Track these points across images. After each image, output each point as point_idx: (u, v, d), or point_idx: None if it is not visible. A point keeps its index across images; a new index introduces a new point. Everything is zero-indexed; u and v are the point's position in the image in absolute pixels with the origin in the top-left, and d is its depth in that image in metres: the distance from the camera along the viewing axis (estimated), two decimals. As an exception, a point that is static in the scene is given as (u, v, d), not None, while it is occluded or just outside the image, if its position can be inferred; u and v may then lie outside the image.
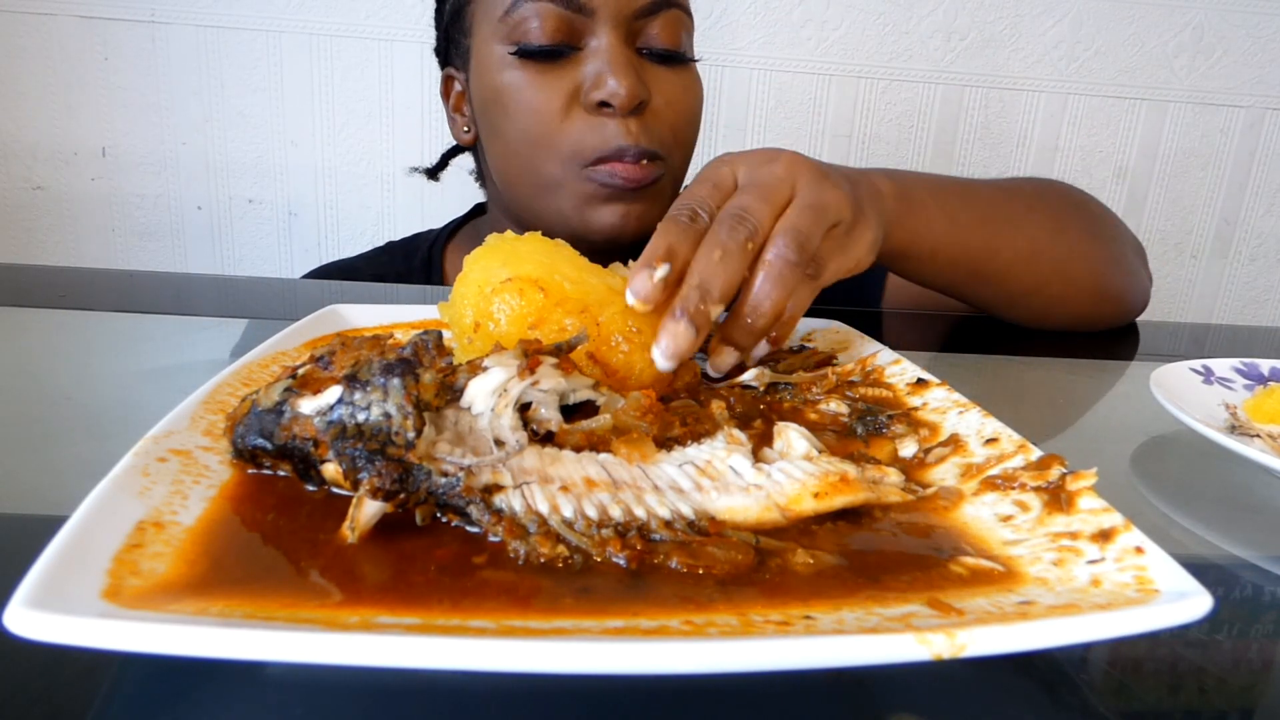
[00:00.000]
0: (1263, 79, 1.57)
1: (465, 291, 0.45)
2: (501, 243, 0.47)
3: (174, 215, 1.49)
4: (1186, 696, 0.29)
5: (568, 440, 0.36)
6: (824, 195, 0.51)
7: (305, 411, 0.34)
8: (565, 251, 0.47)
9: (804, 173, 0.51)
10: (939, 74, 1.53)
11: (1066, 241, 0.75)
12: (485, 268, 0.46)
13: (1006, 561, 0.31)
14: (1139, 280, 0.80)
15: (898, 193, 0.63)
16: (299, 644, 0.23)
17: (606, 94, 0.73)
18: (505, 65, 0.76)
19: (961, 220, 0.69)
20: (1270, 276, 1.71)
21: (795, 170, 0.51)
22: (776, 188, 0.50)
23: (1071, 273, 0.75)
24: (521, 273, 0.44)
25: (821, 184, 0.51)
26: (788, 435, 0.39)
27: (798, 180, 0.51)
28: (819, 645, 0.24)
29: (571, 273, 0.45)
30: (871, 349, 0.56)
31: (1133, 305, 0.80)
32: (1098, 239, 0.77)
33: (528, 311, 0.43)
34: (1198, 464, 0.50)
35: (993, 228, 0.71)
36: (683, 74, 0.80)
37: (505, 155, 0.81)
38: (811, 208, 0.49)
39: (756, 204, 0.48)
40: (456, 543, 0.31)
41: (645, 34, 0.76)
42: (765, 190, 0.49)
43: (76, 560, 0.26)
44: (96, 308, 0.71)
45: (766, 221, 0.48)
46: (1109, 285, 0.77)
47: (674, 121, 0.78)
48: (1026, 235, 0.72)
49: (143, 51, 1.40)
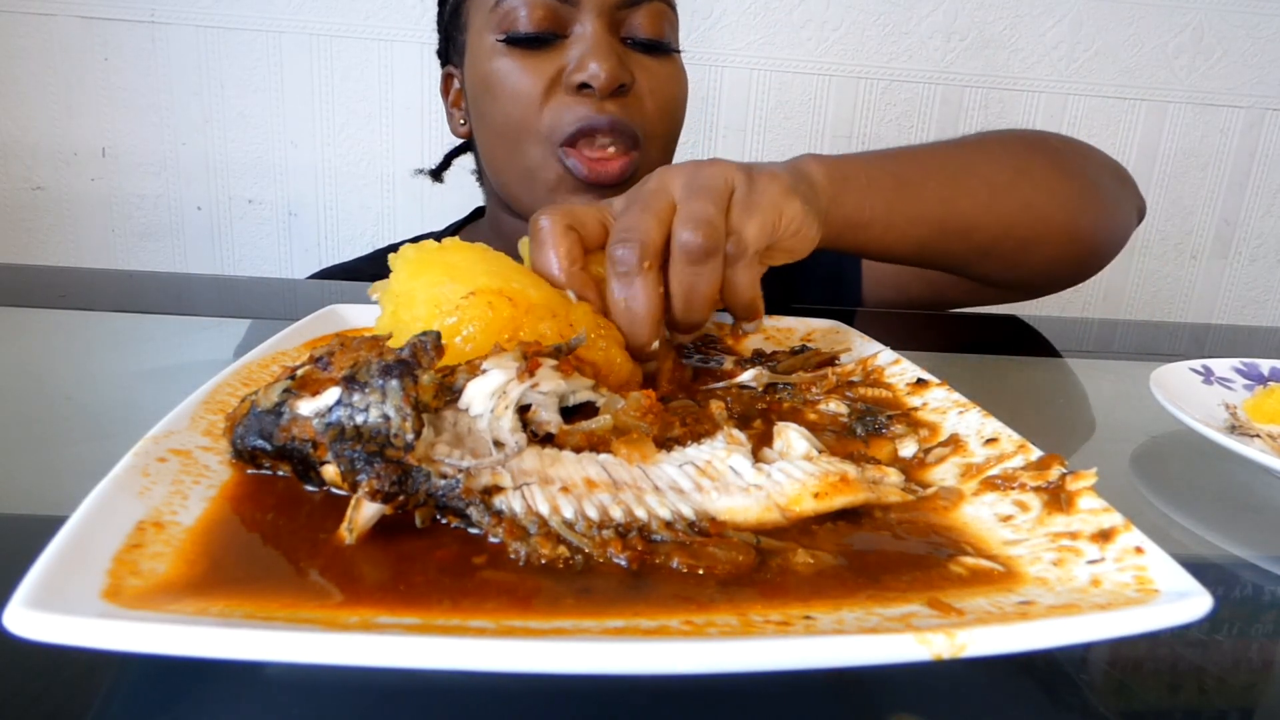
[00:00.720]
0: (1263, 79, 1.57)
1: (415, 314, 0.43)
2: (427, 255, 0.45)
3: (174, 215, 1.49)
4: (1186, 696, 0.29)
5: (567, 441, 0.36)
6: (699, 178, 0.49)
7: (304, 413, 0.34)
8: (500, 258, 0.46)
9: (678, 172, 0.50)
10: (939, 74, 1.53)
11: (1030, 180, 0.72)
12: (430, 284, 0.43)
13: (1006, 561, 0.31)
14: (1119, 207, 0.77)
15: (828, 170, 0.61)
16: (299, 644, 0.23)
17: (587, 75, 0.75)
18: (494, 53, 0.79)
19: (909, 177, 0.66)
20: (1270, 276, 1.71)
21: (669, 174, 0.51)
22: (653, 196, 0.49)
23: (1039, 210, 0.72)
24: (479, 285, 0.43)
25: (695, 172, 0.50)
26: (787, 435, 0.39)
27: (671, 181, 0.50)
28: (819, 645, 0.24)
29: (522, 279, 0.44)
30: (871, 349, 0.56)
31: (1113, 236, 0.78)
32: (1063, 171, 0.75)
33: (501, 324, 0.42)
34: (1198, 464, 0.50)
35: (945, 178, 0.69)
36: (666, 63, 0.81)
37: (491, 142, 0.83)
38: (692, 193, 0.48)
39: (637, 219, 0.47)
40: (456, 544, 0.31)
41: (629, 24, 0.79)
42: (643, 203, 0.48)
43: (76, 560, 0.26)
44: (96, 308, 0.71)
45: (653, 230, 0.47)
46: (1082, 219, 0.74)
47: (655, 108, 0.80)
48: (983, 178, 0.70)
49: (143, 52, 1.40)
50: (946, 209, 0.68)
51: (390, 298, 0.45)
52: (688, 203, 0.48)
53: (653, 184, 0.50)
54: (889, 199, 0.65)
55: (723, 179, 0.50)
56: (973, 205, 0.69)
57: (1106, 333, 0.81)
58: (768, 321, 0.63)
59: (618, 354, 0.45)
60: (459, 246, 0.46)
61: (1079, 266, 0.78)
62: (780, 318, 0.64)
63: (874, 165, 0.65)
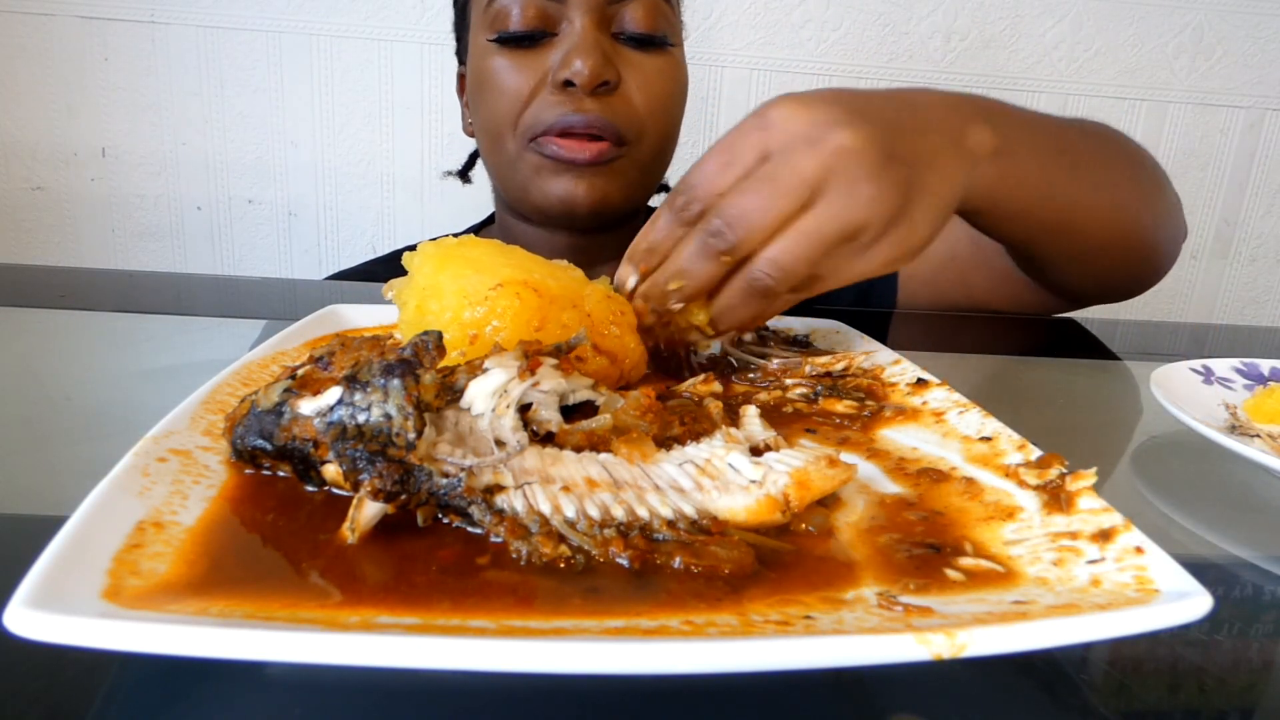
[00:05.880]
0: (1263, 79, 1.57)
1: (444, 304, 0.43)
2: (449, 250, 0.46)
3: (174, 215, 1.49)
4: (1186, 696, 0.29)
5: (568, 440, 0.36)
6: (852, 206, 0.43)
7: (305, 412, 0.34)
8: (518, 251, 0.47)
9: (843, 170, 0.43)
10: (939, 74, 1.53)
11: (1139, 190, 0.70)
12: (456, 276, 0.44)
13: (1006, 561, 0.31)
14: (1180, 233, 0.76)
15: (997, 151, 0.54)
16: (299, 644, 0.23)
17: (570, 73, 0.74)
18: (487, 52, 0.79)
19: (1054, 177, 0.61)
20: (1270, 276, 1.71)
21: (834, 165, 0.43)
22: (793, 191, 0.43)
23: (1142, 223, 0.70)
24: (504, 277, 0.44)
25: (856, 188, 0.43)
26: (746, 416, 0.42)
27: (829, 181, 0.43)
28: (819, 645, 0.24)
29: (542, 270, 0.46)
30: (871, 349, 0.56)
31: (1172, 260, 0.77)
32: (1160, 189, 0.73)
33: (530, 314, 0.43)
34: (1198, 464, 0.50)
35: (1077, 182, 0.63)
36: (659, 58, 0.80)
37: (483, 138, 0.84)
38: (822, 226, 0.43)
39: (754, 213, 0.43)
40: (458, 543, 0.31)
41: (620, 19, 0.78)
42: (776, 192, 0.43)
43: (76, 560, 0.26)
44: (96, 308, 0.71)
45: (756, 238, 0.44)
46: (1167, 242, 0.74)
47: (645, 105, 0.79)
48: (1106, 189, 0.66)
49: (142, 52, 1.40)
50: (1068, 211, 0.64)
51: (414, 292, 0.45)
52: (806, 236, 0.43)
53: (812, 165, 0.43)
54: (1029, 195, 0.60)
55: (864, 218, 0.43)
56: (1089, 216, 0.66)
57: (1106, 333, 0.81)
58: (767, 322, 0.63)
59: (631, 339, 0.46)
60: (476, 242, 0.47)
61: (1137, 284, 0.77)
62: (780, 317, 0.64)
63: (1036, 153, 0.59)
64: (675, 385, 0.48)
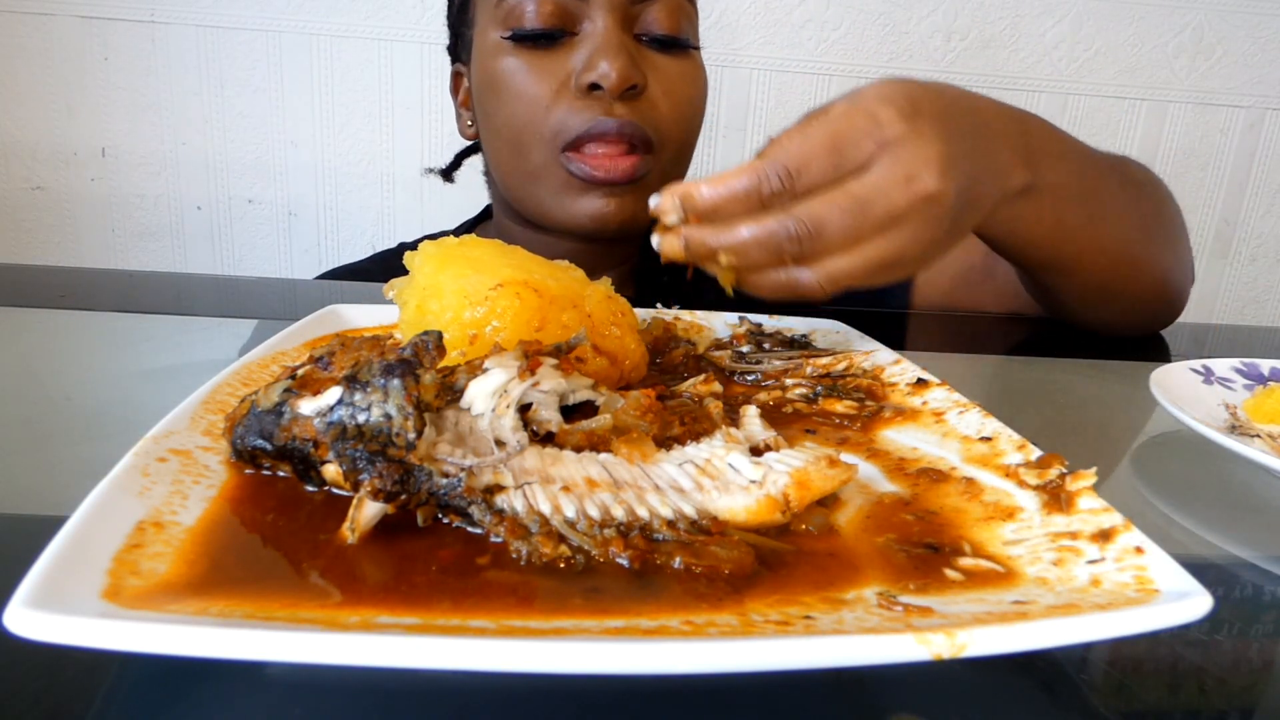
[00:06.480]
0: (1263, 79, 1.57)
1: (445, 304, 0.44)
2: (449, 250, 0.46)
3: (174, 215, 1.49)
4: (1186, 696, 0.29)
5: (568, 440, 0.36)
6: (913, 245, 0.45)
7: (305, 412, 0.34)
8: (518, 251, 0.47)
9: (921, 216, 0.45)
10: (939, 74, 1.53)
11: (1162, 234, 0.70)
12: (456, 276, 0.44)
13: (1006, 561, 0.31)
14: (1189, 281, 0.76)
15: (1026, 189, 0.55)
16: (299, 644, 0.23)
17: (597, 76, 0.70)
18: (500, 51, 0.75)
19: (1072, 220, 0.61)
20: (1270, 276, 1.71)
21: (918, 209, 0.45)
22: (878, 226, 0.44)
23: (1163, 270, 0.70)
24: (504, 277, 0.44)
25: (923, 233, 0.46)
26: (747, 417, 0.42)
27: (907, 219, 0.45)
28: (819, 645, 0.24)
29: (542, 271, 0.46)
30: (870, 348, 0.56)
31: (1178, 310, 0.77)
32: (1180, 232, 0.73)
33: (530, 314, 0.43)
34: (1198, 464, 0.50)
35: (1094, 227, 0.63)
36: (682, 61, 0.77)
37: (496, 144, 0.79)
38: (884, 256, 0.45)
39: (837, 235, 0.44)
40: (458, 543, 0.31)
41: (643, 20, 0.74)
42: (864, 222, 0.44)
43: (76, 560, 0.26)
44: (96, 308, 0.71)
45: (828, 252, 0.44)
46: (1178, 289, 0.74)
47: (671, 110, 0.76)
48: (1121, 240, 0.66)
49: (142, 52, 1.40)
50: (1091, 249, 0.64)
51: (414, 292, 0.45)
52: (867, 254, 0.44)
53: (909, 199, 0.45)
54: (1049, 227, 0.60)
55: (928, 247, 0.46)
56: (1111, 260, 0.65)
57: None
58: (768, 322, 0.63)
59: (631, 339, 0.46)
60: (477, 242, 0.47)
61: (1141, 328, 0.77)
62: (780, 317, 0.64)
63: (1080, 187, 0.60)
64: (675, 386, 0.48)
